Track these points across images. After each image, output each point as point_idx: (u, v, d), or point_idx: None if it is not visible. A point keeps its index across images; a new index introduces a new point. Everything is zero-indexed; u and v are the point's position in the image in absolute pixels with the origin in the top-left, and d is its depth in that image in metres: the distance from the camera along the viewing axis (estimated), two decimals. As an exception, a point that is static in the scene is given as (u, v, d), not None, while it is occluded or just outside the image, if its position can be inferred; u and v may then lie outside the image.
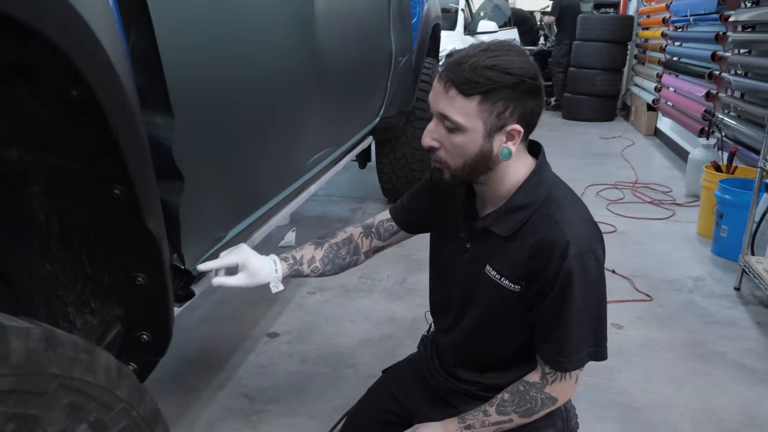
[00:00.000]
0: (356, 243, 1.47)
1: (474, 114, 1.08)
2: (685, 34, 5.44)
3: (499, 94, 1.07)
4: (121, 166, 0.79)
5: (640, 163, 5.40)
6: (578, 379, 1.24)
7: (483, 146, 1.11)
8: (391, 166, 3.91)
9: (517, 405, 1.24)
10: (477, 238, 1.26)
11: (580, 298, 1.14)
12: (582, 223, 1.18)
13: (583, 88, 7.60)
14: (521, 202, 1.18)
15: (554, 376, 1.22)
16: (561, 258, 1.12)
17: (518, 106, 1.09)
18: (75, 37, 0.66)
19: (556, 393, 1.24)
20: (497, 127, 1.10)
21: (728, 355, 2.35)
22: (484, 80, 1.06)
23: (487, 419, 1.26)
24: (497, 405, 1.26)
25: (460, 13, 7.25)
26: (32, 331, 0.63)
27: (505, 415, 1.25)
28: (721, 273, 3.11)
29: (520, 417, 1.25)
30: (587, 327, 1.19)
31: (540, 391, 1.23)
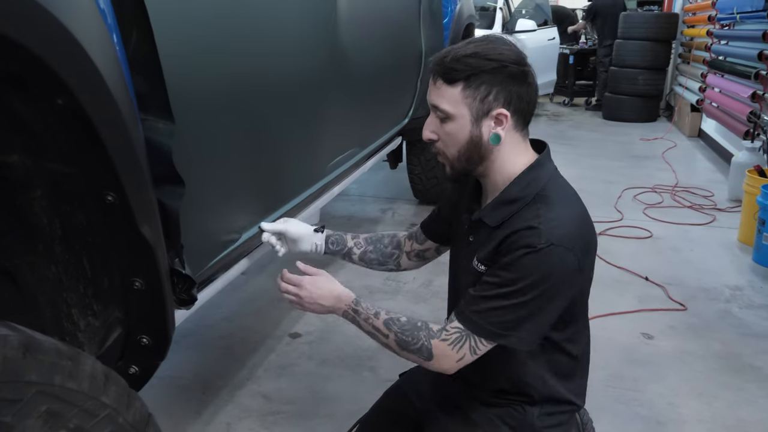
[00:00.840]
0: (399, 239, 1.55)
1: (459, 100, 1.13)
2: (732, 33, 5.24)
3: (480, 78, 1.12)
4: (112, 173, 0.80)
5: (682, 165, 5.23)
6: (462, 359, 1.18)
7: (472, 132, 1.16)
8: (422, 167, 3.88)
9: (402, 331, 1.21)
10: (475, 230, 1.27)
11: (525, 281, 1.11)
12: (565, 221, 1.15)
13: (625, 88, 7.41)
14: (513, 194, 1.18)
15: (449, 334, 1.17)
16: (527, 246, 1.11)
17: (502, 90, 1.13)
18: (59, 47, 0.67)
19: (436, 350, 1.18)
20: (483, 112, 1.14)
21: (764, 369, 2.25)
22: (464, 66, 1.11)
23: (373, 320, 1.24)
24: (390, 317, 1.24)
25: (498, 11, 7.17)
26: (10, 338, 0.63)
27: (388, 330, 1.22)
28: (761, 282, 2.98)
29: (396, 343, 1.22)
30: (513, 310, 1.13)
31: (427, 337, 1.19)
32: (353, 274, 3.01)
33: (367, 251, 1.53)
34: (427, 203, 4.12)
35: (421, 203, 4.16)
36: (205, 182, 1.19)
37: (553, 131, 6.65)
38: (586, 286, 1.27)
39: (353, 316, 1.27)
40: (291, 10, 1.61)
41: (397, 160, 4.08)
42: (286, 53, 1.57)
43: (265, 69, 1.42)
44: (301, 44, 1.67)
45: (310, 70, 1.76)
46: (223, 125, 1.23)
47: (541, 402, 1.29)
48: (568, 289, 1.17)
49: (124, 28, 0.87)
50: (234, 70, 1.24)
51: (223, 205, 1.34)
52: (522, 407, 1.30)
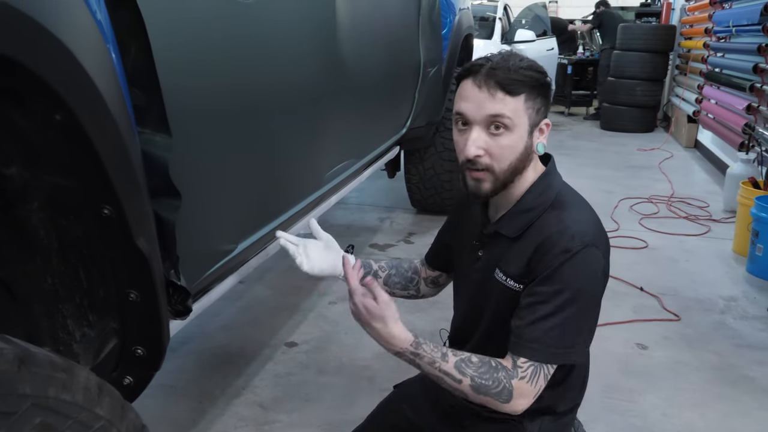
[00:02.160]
0: (416, 265, 1.55)
1: (522, 111, 1.15)
2: (728, 45, 5.28)
3: (538, 91, 1.16)
4: (109, 187, 0.81)
5: (678, 176, 5.25)
6: (539, 391, 1.16)
7: (527, 142, 1.18)
8: (420, 176, 3.90)
9: (479, 374, 1.13)
10: (488, 243, 1.28)
11: (570, 290, 1.12)
12: (588, 222, 1.18)
13: (623, 98, 7.44)
14: (530, 204, 1.20)
15: (525, 372, 1.14)
16: (562, 251, 1.12)
17: (546, 102, 1.19)
18: (57, 65, 0.68)
19: (517, 391, 1.14)
20: (536, 123, 1.18)
21: (758, 381, 2.26)
22: (527, 79, 1.14)
23: (441, 364, 1.14)
24: (460, 359, 1.15)
25: (497, 21, 7.21)
26: (5, 351, 0.64)
27: (461, 374, 1.13)
28: (755, 293, 2.99)
29: (471, 388, 1.14)
30: (570, 323, 1.14)
31: (508, 378, 1.14)
32: (350, 284, 3.02)
33: (391, 275, 1.50)
34: (424, 212, 4.14)
35: (419, 212, 4.18)
36: (201, 193, 1.20)
37: (552, 141, 6.63)
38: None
39: (411, 358, 1.17)
40: (290, 21, 1.62)
41: (395, 169, 4.10)
42: (285, 64, 1.59)
43: (263, 80, 1.43)
44: (300, 55, 1.69)
45: (308, 81, 1.78)
46: (221, 136, 1.25)
47: (540, 416, 1.29)
48: (603, 288, 1.20)
49: (122, 42, 0.89)
50: (231, 82, 1.26)
51: (219, 216, 1.35)
52: (521, 423, 1.28)
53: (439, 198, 3.97)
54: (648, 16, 8.61)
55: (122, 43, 0.89)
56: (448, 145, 3.73)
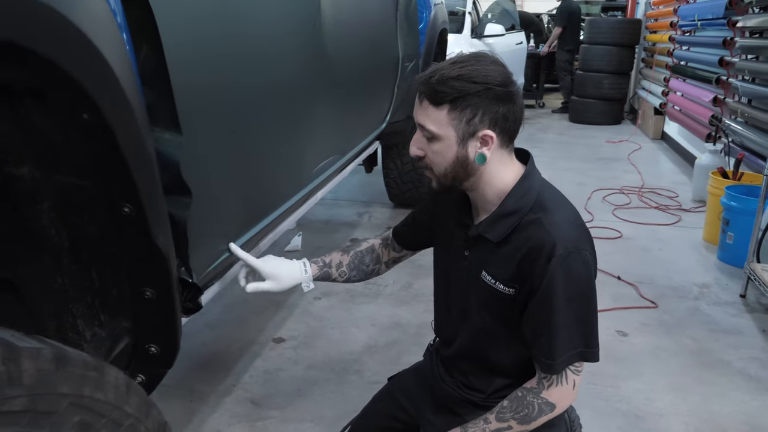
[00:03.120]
0: (378, 253, 1.55)
1: (445, 122, 1.15)
2: (693, 39, 5.43)
3: (466, 101, 1.13)
4: (130, 185, 0.81)
5: (647, 167, 5.39)
6: (576, 385, 1.24)
7: (458, 152, 1.18)
8: (398, 171, 3.92)
9: (515, 411, 1.24)
10: (473, 245, 1.30)
11: (564, 299, 1.16)
12: (569, 225, 1.20)
13: (591, 92, 7.59)
14: (511, 207, 1.22)
15: (549, 380, 1.22)
16: (547, 259, 1.15)
17: (487, 112, 1.15)
18: (86, 64, 0.68)
19: (554, 398, 1.24)
20: (469, 133, 1.16)
21: (733, 363, 2.35)
22: (450, 89, 1.13)
23: (488, 426, 1.26)
24: (497, 412, 1.26)
25: (467, 16, 7.26)
26: (43, 351, 0.65)
27: (504, 421, 1.24)
28: (726, 280, 3.10)
29: (519, 423, 1.24)
30: (574, 328, 1.19)
31: (537, 396, 1.23)
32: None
33: (351, 276, 1.52)
34: (402, 206, 4.16)
35: (397, 206, 4.21)
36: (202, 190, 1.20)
37: (521, 134, 6.64)
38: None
39: None
40: (279, 19, 1.62)
41: (372, 164, 4.11)
42: (275, 60, 1.59)
43: (259, 77, 1.43)
44: (288, 51, 1.69)
45: (296, 77, 1.78)
46: (219, 132, 1.24)
47: None
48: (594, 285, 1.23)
49: (135, 41, 0.89)
50: (230, 80, 1.26)
51: (219, 213, 1.35)
52: None
53: (417, 192, 4.00)
54: (614, 10, 8.77)
55: (135, 41, 0.88)
56: (425, 139, 3.76)
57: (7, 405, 0.59)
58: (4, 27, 0.59)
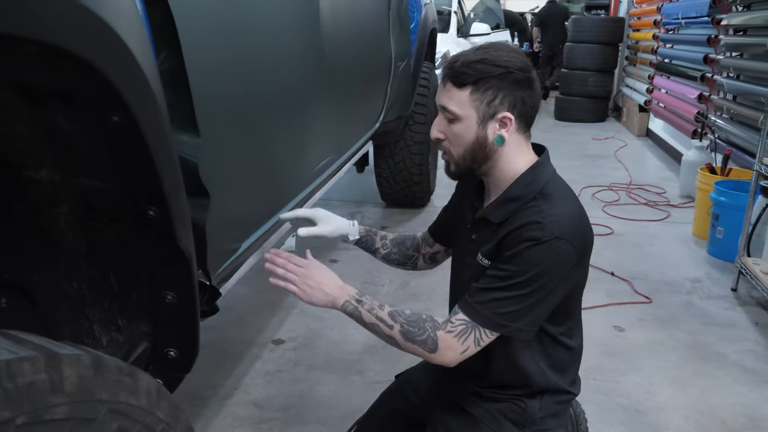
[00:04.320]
0: (418, 241, 1.61)
1: (467, 103, 1.20)
2: (677, 37, 5.49)
3: (488, 83, 1.18)
4: (157, 188, 0.80)
5: (634, 164, 5.44)
6: (466, 351, 1.21)
7: (478, 133, 1.21)
8: (390, 170, 3.92)
9: (408, 322, 1.22)
10: (479, 228, 1.32)
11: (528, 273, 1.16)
12: (566, 217, 1.20)
13: (576, 90, 7.65)
14: (516, 193, 1.24)
15: (453, 325, 1.20)
16: (531, 239, 1.16)
17: (507, 95, 1.19)
18: (122, 66, 0.67)
19: (441, 343, 1.20)
20: (489, 115, 1.20)
21: (729, 356, 2.39)
22: (473, 71, 1.18)
23: (378, 311, 1.24)
24: (395, 309, 1.25)
25: (453, 15, 7.28)
26: (82, 357, 0.64)
27: (393, 320, 1.22)
28: (717, 274, 3.15)
29: (401, 334, 1.22)
30: (517, 300, 1.18)
31: (433, 329, 1.21)
32: (330, 279, 3.02)
33: (392, 252, 1.60)
34: (395, 206, 4.16)
35: (389, 206, 4.21)
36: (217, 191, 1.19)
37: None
38: (581, 282, 1.33)
39: (355, 306, 1.26)
40: (282, 21, 1.62)
41: (363, 164, 4.11)
42: (281, 64, 1.58)
43: (267, 80, 1.43)
44: (295, 54, 1.69)
45: (301, 79, 1.78)
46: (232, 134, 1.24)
47: (540, 394, 1.34)
48: (566, 282, 1.22)
49: (156, 42, 0.88)
50: (241, 83, 1.25)
51: (231, 214, 1.34)
52: (522, 401, 1.34)
53: (409, 192, 4.01)
54: (597, 9, 8.86)
55: (156, 40, 0.87)
56: (417, 139, 3.77)
57: (50, 413, 0.59)
58: (41, 28, 0.58)
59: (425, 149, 3.84)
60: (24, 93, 0.75)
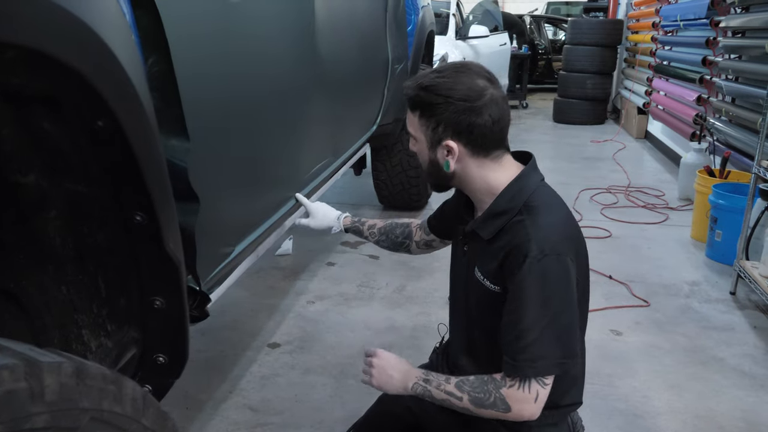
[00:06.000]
0: (411, 230, 1.66)
1: (417, 127, 1.24)
2: (675, 39, 5.49)
3: (430, 111, 1.20)
4: (143, 193, 0.79)
5: (632, 166, 5.44)
6: (539, 398, 1.19)
7: (430, 156, 1.25)
8: (387, 173, 3.91)
9: (473, 389, 1.21)
10: (469, 241, 1.33)
11: (536, 302, 1.15)
12: (552, 228, 1.20)
13: (574, 92, 7.65)
14: (501, 207, 1.23)
15: (513, 380, 1.19)
16: (522, 260, 1.15)
17: (449, 124, 1.19)
18: (106, 71, 0.66)
19: (510, 400, 1.19)
20: (435, 141, 1.23)
21: (727, 360, 2.37)
22: (418, 99, 1.21)
23: (445, 386, 1.24)
24: (460, 380, 1.24)
25: (451, 17, 7.28)
26: (64, 365, 0.63)
27: (461, 391, 1.22)
28: (716, 277, 3.14)
29: (471, 402, 1.22)
30: (546, 335, 1.16)
31: (496, 388, 1.20)
32: (328, 282, 3.02)
33: (380, 241, 1.67)
34: (392, 208, 4.16)
35: (387, 209, 4.20)
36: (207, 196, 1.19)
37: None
38: (585, 288, 1.31)
39: (423, 386, 1.27)
40: (277, 26, 1.61)
41: (361, 166, 4.10)
42: (275, 67, 1.58)
43: (257, 84, 1.42)
44: (288, 57, 1.68)
45: (292, 81, 1.77)
46: (222, 138, 1.23)
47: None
48: (575, 289, 1.21)
49: (144, 46, 0.87)
50: (235, 87, 1.24)
51: (222, 219, 1.34)
52: None
53: (407, 194, 4.00)
54: (595, 11, 8.86)
55: (144, 45, 0.87)
56: (415, 141, 3.76)
57: (30, 422, 0.58)
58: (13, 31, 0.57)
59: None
60: (9, 97, 0.74)
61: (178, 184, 0.96)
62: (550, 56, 10.30)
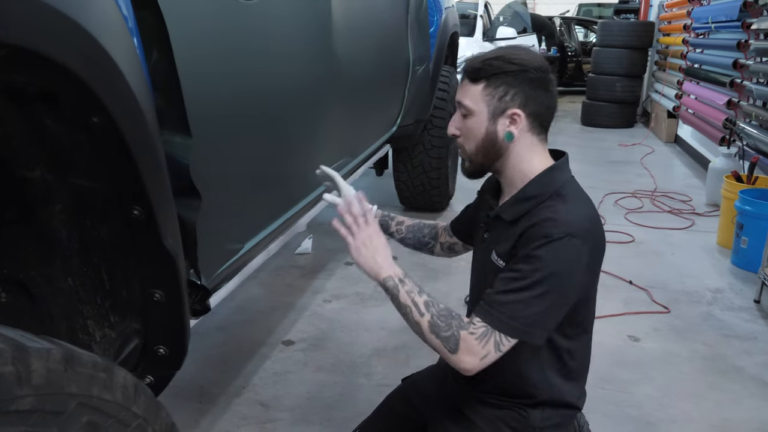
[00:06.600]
0: (438, 231, 1.65)
1: (479, 98, 1.23)
2: (707, 41, 5.38)
3: (500, 79, 1.21)
4: (140, 188, 0.82)
5: (660, 171, 5.34)
6: (487, 356, 1.17)
7: (488, 128, 1.24)
8: (408, 174, 3.92)
9: (438, 315, 1.19)
10: (492, 227, 1.33)
11: (540, 273, 1.14)
12: (579, 216, 1.20)
13: (603, 95, 7.55)
14: (531, 192, 1.24)
15: (476, 328, 1.18)
16: (542, 234, 1.15)
17: (519, 92, 1.21)
18: (98, 68, 0.69)
19: (462, 343, 1.17)
20: (500, 110, 1.22)
21: (747, 370, 2.32)
22: (488, 67, 1.21)
23: (415, 296, 1.21)
24: (432, 300, 1.22)
25: (478, 19, 7.26)
26: (53, 351, 0.65)
27: (426, 309, 1.20)
28: (741, 285, 3.07)
29: (428, 325, 1.19)
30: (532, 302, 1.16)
31: (458, 327, 1.18)
32: (345, 281, 3.04)
33: (406, 237, 1.64)
34: (413, 209, 4.16)
35: (407, 209, 4.20)
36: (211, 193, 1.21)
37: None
38: (591, 288, 1.30)
39: (396, 283, 1.23)
40: (291, 25, 1.63)
41: (383, 167, 4.12)
42: (287, 65, 1.60)
43: (267, 82, 1.44)
44: (300, 55, 1.70)
45: (308, 81, 1.79)
46: (231, 136, 1.25)
47: (543, 404, 1.32)
48: (577, 284, 1.21)
49: (146, 45, 0.89)
50: (242, 84, 1.27)
51: (229, 216, 1.36)
52: (525, 410, 1.32)
53: (428, 195, 4.00)
54: (626, 13, 8.73)
55: (145, 42, 0.89)
56: (435, 143, 3.76)
57: (15, 404, 0.60)
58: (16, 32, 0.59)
59: (444, 153, 3.83)
60: (12, 94, 0.77)
61: (179, 180, 0.98)
62: (580, 58, 10.17)
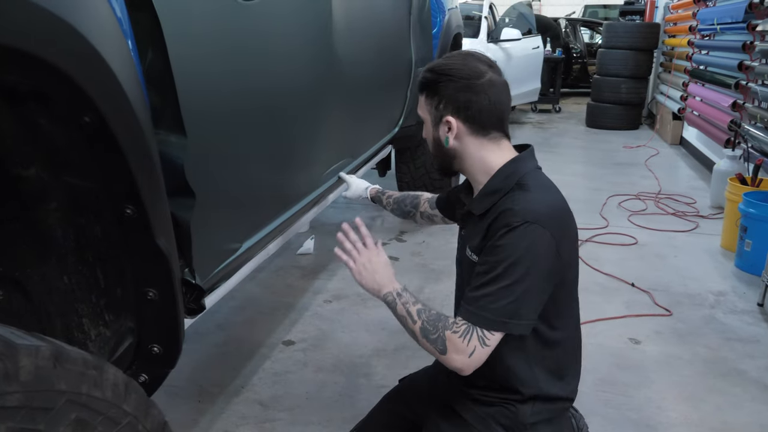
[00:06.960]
0: (419, 201, 1.80)
1: (424, 108, 1.33)
2: (712, 43, 5.36)
3: (433, 89, 1.30)
4: (132, 187, 0.82)
5: (664, 173, 5.32)
6: (474, 353, 1.21)
7: (434, 135, 1.33)
8: (411, 174, 3.92)
9: (428, 320, 1.26)
10: (466, 223, 1.39)
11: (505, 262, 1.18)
12: (539, 203, 1.23)
13: (608, 96, 7.52)
14: (494, 186, 1.29)
15: (459, 327, 1.22)
16: (504, 224, 1.20)
17: (450, 100, 1.27)
18: (89, 68, 0.69)
19: (449, 343, 1.22)
20: (438, 119, 1.31)
21: (749, 373, 2.31)
22: (423, 80, 1.32)
23: (410, 306, 1.30)
24: (424, 307, 1.29)
25: (483, 20, 7.24)
26: (42, 348, 0.65)
27: (418, 317, 1.27)
28: (744, 288, 3.05)
29: (420, 330, 1.27)
30: (503, 293, 1.18)
31: (444, 328, 1.24)
32: (346, 282, 3.03)
33: (394, 209, 1.86)
34: (416, 210, 4.15)
35: (410, 210, 4.19)
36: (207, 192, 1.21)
37: (538, 139, 6.73)
38: (568, 276, 1.31)
39: (394, 298, 1.33)
40: (291, 26, 1.63)
41: (385, 168, 4.12)
42: (286, 65, 1.60)
43: (269, 80, 1.44)
44: (300, 55, 1.70)
45: (308, 81, 1.79)
46: (229, 136, 1.25)
47: (532, 399, 1.32)
48: (549, 271, 1.22)
49: (140, 45, 0.90)
50: (239, 84, 1.27)
51: (226, 215, 1.36)
52: (514, 405, 1.32)
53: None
54: (632, 14, 8.71)
55: (140, 43, 0.89)
56: (439, 143, 3.76)
57: (3, 400, 0.60)
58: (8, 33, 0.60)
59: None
60: (4, 92, 0.77)
61: (174, 179, 0.98)
62: (586, 60, 10.15)
